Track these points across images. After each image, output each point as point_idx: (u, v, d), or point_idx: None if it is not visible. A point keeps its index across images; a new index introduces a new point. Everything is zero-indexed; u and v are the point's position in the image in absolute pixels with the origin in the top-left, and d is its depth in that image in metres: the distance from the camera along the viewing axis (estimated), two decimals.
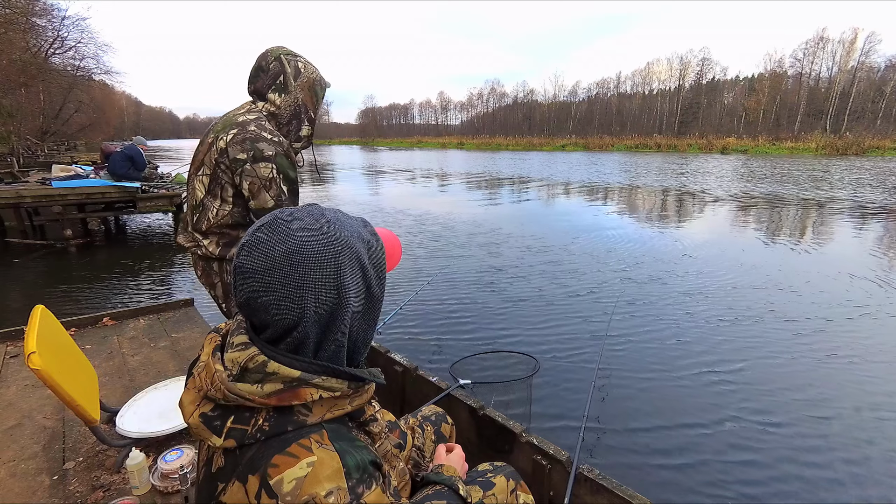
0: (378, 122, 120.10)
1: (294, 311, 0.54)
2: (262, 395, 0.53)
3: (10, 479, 1.36)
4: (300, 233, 0.55)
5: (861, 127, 43.21)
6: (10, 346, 2.29)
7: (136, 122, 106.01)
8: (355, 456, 0.54)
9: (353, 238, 0.59)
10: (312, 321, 0.55)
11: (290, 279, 0.53)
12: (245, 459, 0.52)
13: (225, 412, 0.54)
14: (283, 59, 1.41)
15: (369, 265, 0.61)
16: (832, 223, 8.47)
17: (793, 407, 2.69)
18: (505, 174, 20.30)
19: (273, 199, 1.35)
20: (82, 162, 10.92)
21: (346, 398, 0.59)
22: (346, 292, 0.57)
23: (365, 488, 0.52)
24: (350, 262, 0.57)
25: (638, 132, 63.60)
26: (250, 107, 1.43)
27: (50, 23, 19.51)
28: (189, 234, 1.51)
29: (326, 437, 0.54)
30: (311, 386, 0.55)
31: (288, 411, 0.54)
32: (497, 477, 1.01)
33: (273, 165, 1.33)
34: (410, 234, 7.59)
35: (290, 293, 0.54)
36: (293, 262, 0.53)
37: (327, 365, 0.57)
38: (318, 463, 0.51)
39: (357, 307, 0.60)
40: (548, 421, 2.56)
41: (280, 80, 1.41)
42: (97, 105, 28.84)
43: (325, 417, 0.56)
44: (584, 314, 4.09)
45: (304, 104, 1.47)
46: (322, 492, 0.49)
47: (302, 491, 0.49)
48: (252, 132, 1.33)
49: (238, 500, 0.50)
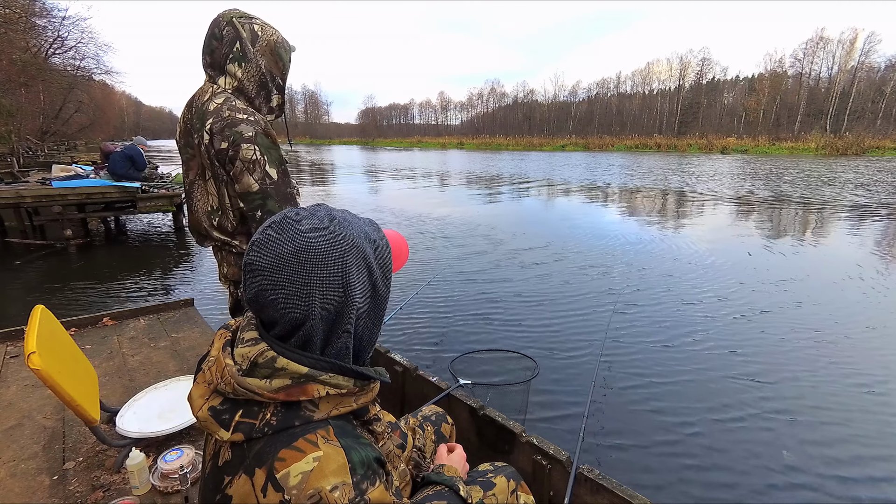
0: (378, 122, 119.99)
1: (301, 307, 0.55)
2: (271, 389, 0.54)
3: (10, 479, 1.36)
4: (308, 231, 0.56)
5: (861, 127, 43.15)
6: (10, 346, 2.29)
7: (136, 122, 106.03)
8: (360, 452, 0.55)
9: (360, 238, 0.60)
10: (319, 318, 0.56)
11: (298, 276, 0.54)
12: (252, 453, 0.53)
13: (234, 406, 0.55)
14: (235, 22, 1.27)
15: (375, 265, 0.61)
16: (842, 224, 8.47)
17: (795, 406, 2.68)
18: (505, 174, 20.30)
19: (257, 183, 1.24)
20: (82, 162, 10.93)
21: (351, 396, 0.60)
22: (352, 291, 0.57)
23: (369, 485, 0.53)
24: (356, 260, 0.58)
25: (638, 132, 63.66)
26: (213, 88, 1.29)
27: (50, 23, 19.47)
28: (215, 239, 1.42)
29: (332, 432, 0.55)
30: (318, 382, 0.56)
31: (295, 406, 0.55)
32: (498, 477, 1.01)
33: (255, 147, 1.24)
34: (411, 234, 7.58)
35: (297, 290, 0.54)
36: (301, 260, 0.54)
37: (334, 362, 0.58)
38: (324, 458, 0.51)
39: (363, 306, 0.60)
40: (548, 421, 2.56)
41: (237, 48, 1.28)
42: (97, 105, 28.81)
43: (331, 414, 0.57)
44: (585, 314, 4.09)
45: (270, 71, 1.34)
46: (328, 486, 0.50)
47: (308, 485, 0.49)
48: (227, 117, 1.23)
49: (244, 492, 0.51)
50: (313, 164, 28.34)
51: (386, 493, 0.55)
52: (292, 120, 16.94)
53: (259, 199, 1.26)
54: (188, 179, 1.41)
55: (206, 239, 1.45)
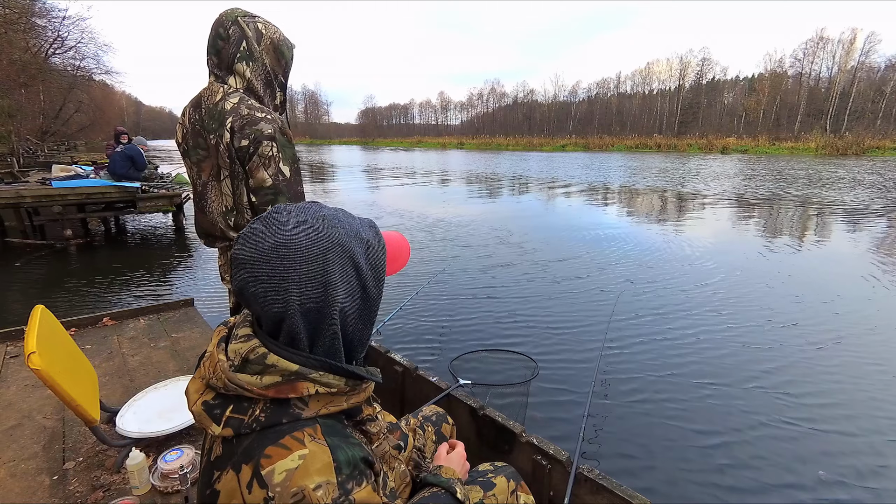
0: (378, 121, 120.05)
1: (279, 302, 0.55)
2: (261, 386, 0.54)
3: (10, 479, 1.36)
4: (291, 227, 0.56)
5: (861, 127, 43.16)
6: (10, 346, 2.28)
7: (136, 122, 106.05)
8: (347, 452, 0.55)
9: (348, 237, 0.59)
10: (298, 315, 0.55)
11: (276, 271, 0.54)
12: (241, 449, 0.53)
13: (225, 401, 0.56)
14: (240, 21, 1.28)
15: (365, 265, 0.60)
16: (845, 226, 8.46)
17: (795, 407, 2.68)
18: (505, 174, 20.30)
19: (271, 178, 1.27)
20: (82, 162, 10.93)
21: (342, 395, 0.60)
22: (334, 290, 0.56)
23: (355, 485, 0.53)
24: (341, 260, 0.57)
25: (638, 132, 63.66)
26: (224, 88, 1.30)
27: (50, 23, 19.49)
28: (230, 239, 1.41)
29: (320, 431, 0.55)
30: (308, 380, 0.56)
31: (285, 404, 0.55)
32: (498, 477, 1.01)
33: (273, 143, 1.26)
34: (410, 234, 7.58)
35: (275, 285, 0.54)
36: (280, 255, 0.54)
37: (325, 360, 0.58)
38: (309, 456, 0.51)
39: (350, 306, 0.59)
40: (548, 421, 2.56)
41: (244, 47, 1.29)
42: (97, 105, 28.77)
43: (319, 412, 0.57)
44: (585, 314, 4.09)
45: (272, 69, 1.37)
46: (311, 485, 0.50)
47: (292, 483, 0.49)
48: (247, 115, 1.25)
49: (231, 488, 0.51)
50: (314, 165, 28.34)
51: (374, 493, 0.55)
52: (292, 120, 17.06)
53: (271, 194, 1.28)
54: (200, 181, 1.39)
55: (217, 240, 1.44)
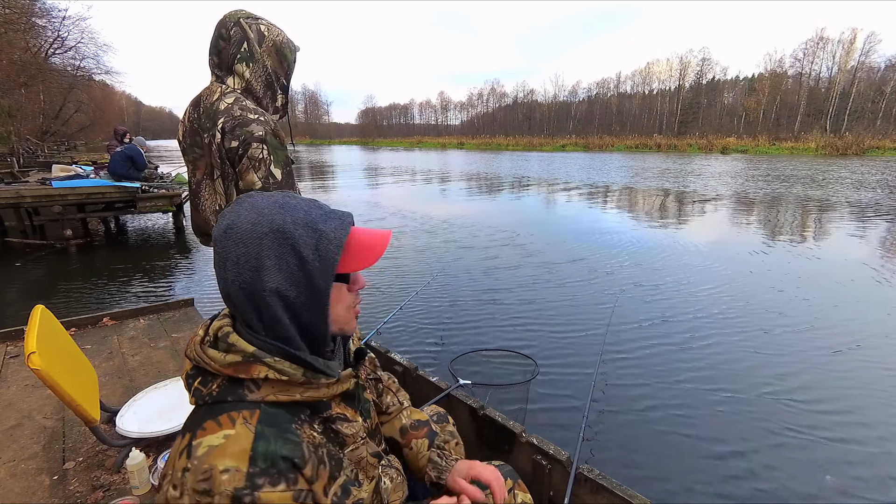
0: (378, 121, 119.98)
1: (222, 280, 0.59)
2: (223, 363, 0.57)
3: (10, 479, 1.36)
4: (244, 212, 0.59)
5: (861, 127, 43.13)
6: (10, 346, 2.29)
7: (136, 122, 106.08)
8: (270, 445, 0.54)
9: (295, 225, 0.59)
10: (241, 297, 0.58)
11: (222, 251, 0.58)
12: (192, 418, 0.58)
13: (197, 373, 0.60)
14: (242, 23, 1.29)
15: (312, 256, 0.59)
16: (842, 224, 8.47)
17: (794, 409, 2.68)
18: (505, 174, 20.30)
19: (260, 181, 1.26)
20: (82, 162, 10.93)
21: (297, 385, 0.60)
22: (266, 275, 0.57)
23: (267, 482, 0.51)
24: (279, 247, 0.58)
25: (638, 132, 63.67)
26: (222, 88, 1.31)
27: (50, 23, 19.49)
28: None
29: (257, 416, 0.56)
30: (262, 364, 0.58)
31: (238, 383, 0.58)
32: None
33: (263, 146, 1.26)
34: (410, 234, 7.58)
35: (221, 264, 0.58)
36: (226, 237, 0.58)
37: (282, 347, 0.59)
38: (232, 438, 0.52)
39: (294, 294, 0.59)
40: (548, 421, 2.56)
41: (245, 48, 1.30)
42: (97, 105, 28.81)
43: (266, 398, 0.58)
44: (584, 314, 4.09)
45: (274, 71, 1.37)
46: (221, 466, 0.50)
47: (207, 459, 0.51)
48: (238, 116, 1.25)
49: (174, 451, 0.55)
50: (314, 165, 28.33)
51: (288, 498, 0.52)
52: (292, 120, 17.14)
53: None
54: (195, 179, 1.41)
55: (211, 238, 1.45)
